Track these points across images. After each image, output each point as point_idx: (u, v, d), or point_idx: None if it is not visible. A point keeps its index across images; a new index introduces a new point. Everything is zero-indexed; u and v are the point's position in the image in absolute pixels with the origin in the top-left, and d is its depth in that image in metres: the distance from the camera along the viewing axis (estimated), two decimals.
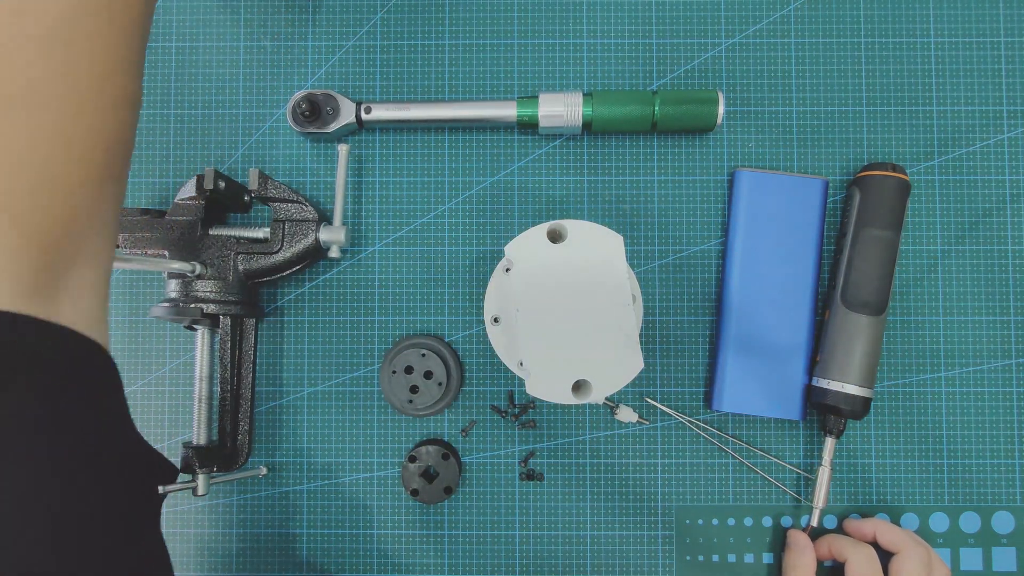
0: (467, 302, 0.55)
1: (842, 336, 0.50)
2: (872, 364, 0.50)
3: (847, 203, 0.52)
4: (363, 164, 0.55)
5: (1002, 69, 0.55)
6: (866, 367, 0.50)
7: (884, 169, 0.51)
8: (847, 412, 0.50)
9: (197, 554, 0.54)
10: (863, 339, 0.50)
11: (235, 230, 0.51)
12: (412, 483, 0.52)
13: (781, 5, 0.56)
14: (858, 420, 0.52)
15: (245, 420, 0.51)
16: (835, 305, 0.51)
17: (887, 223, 0.50)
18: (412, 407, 0.52)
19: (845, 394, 0.49)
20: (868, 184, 0.51)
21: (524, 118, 0.52)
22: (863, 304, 0.50)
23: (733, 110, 0.55)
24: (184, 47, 0.56)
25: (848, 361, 0.50)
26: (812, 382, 0.52)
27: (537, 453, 0.54)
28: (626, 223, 0.55)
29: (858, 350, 0.50)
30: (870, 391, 0.50)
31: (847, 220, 0.52)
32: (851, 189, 0.52)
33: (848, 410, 0.50)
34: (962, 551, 0.53)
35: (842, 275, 0.51)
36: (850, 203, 0.52)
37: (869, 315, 0.50)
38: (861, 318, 0.50)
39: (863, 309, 0.50)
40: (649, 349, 0.54)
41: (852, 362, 0.50)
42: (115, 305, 0.55)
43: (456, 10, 0.56)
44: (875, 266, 0.50)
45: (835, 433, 0.51)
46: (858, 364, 0.50)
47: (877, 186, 0.50)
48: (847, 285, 0.50)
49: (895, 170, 0.50)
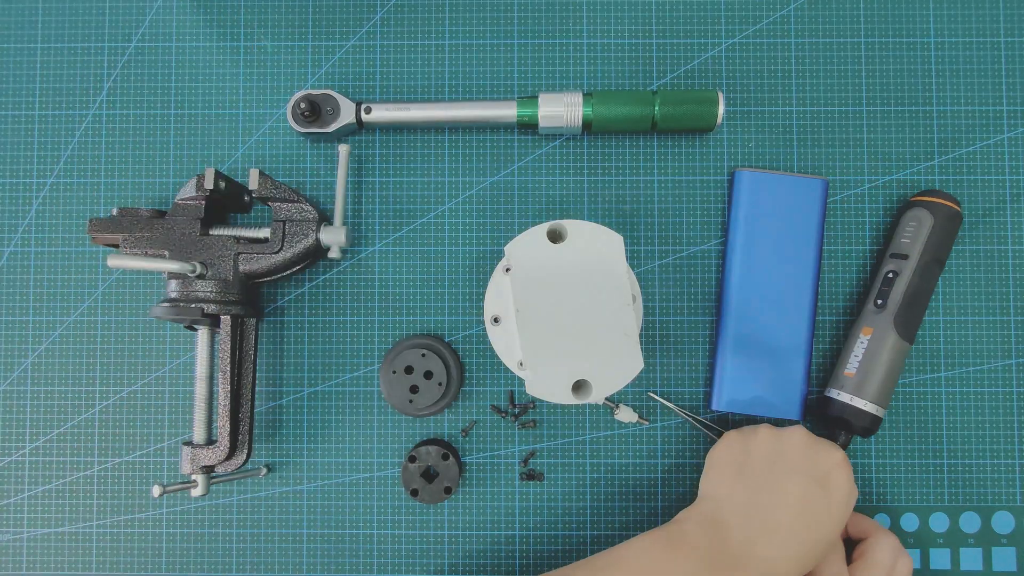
0: (467, 302, 0.55)
1: (884, 358, 0.49)
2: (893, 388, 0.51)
3: (907, 223, 0.51)
4: (363, 164, 0.55)
5: (1002, 69, 0.55)
6: (891, 391, 0.50)
7: (948, 200, 0.50)
8: (862, 431, 0.50)
9: (197, 554, 0.54)
10: (900, 364, 0.50)
11: (235, 230, 0.51)
12: (412, 483, 0.52)
13: (781, 5, 0.56)
14: (864, 438, 0.52)
15: (245, 420, 0.51)
16: (883, 327, 0.50)
17: (946, 256, 0.50)
18: (412, 407, 0.52)
19: (871, 415, 0.49)
20: (941, 213, 0.50)
21: (524, 118, 0.52)
22: (910, 330, 0.50)
23: (733, 110, 0.55)
24: (184, 47, 0.56)
25: (886, 384, 0.49)
26: (831, 394, 0.51)
27: (537, 453, 0.54)
28: (626, 223, 0.55)
29: (895, 374, 0.50)
30: (884, 412, 0.50)
31: (909, 242, 0.50)
32: (919, 212, 0.50)
33: (863, 428, 0.49)
34: (962, 551, 0.53)
35: (900, 298, 0.50)
36: (917, 226, 0.50)
37: (910, 342, 0.50)
38: (905, 344, 0.50)
39: (908, 336, 0.50)
40: (649, 349, 0.54)
41: (888, 385, 0.49)
42: (115, 305, 0.55)
43: (456, 10, 0.56)
44: (929, 296, 0.50)
45: (843, 447, 0.50)
46: (890, 387, 0.50)
47: (949, 218, 0.50)
48: (906, 310, 0.50)
49: (955, 203, 0.50)
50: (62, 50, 0.56)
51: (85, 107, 0.56)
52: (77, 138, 0.56)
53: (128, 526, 0.54)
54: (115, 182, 0.55)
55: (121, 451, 0.54)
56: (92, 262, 0.55)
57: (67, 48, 0.56)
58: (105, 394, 0.54)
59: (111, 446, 0.54)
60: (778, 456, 0.46)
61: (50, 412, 0.54)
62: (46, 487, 0.54)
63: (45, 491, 0.54)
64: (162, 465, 0.54)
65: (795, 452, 0.46)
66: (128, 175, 0.55)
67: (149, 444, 0.54)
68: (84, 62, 0.56)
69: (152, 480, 0.54)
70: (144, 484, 0.54)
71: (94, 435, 0.54)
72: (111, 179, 0.55)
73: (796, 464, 0.45)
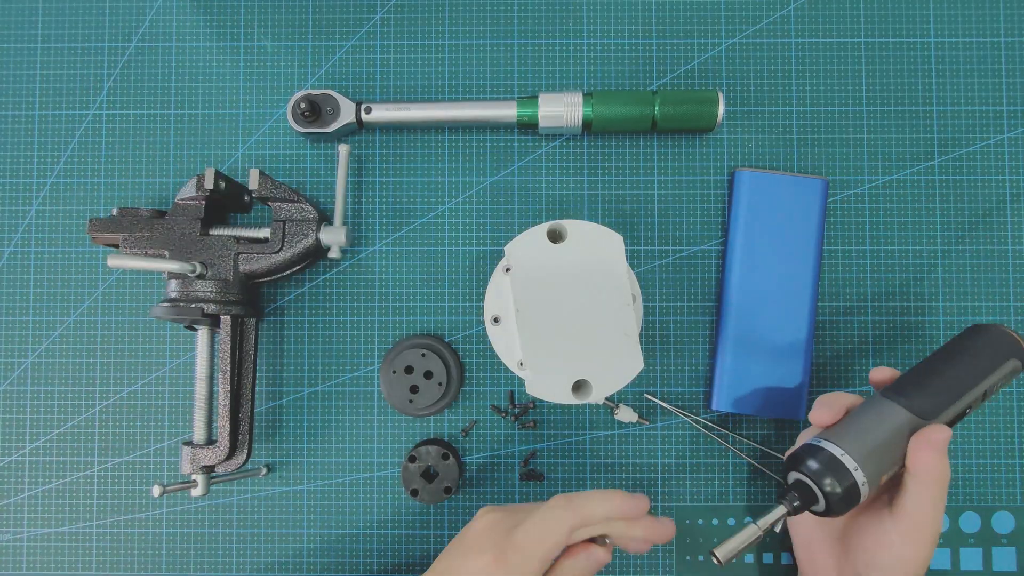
0: (467, 302, 0.55)
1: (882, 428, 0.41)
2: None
3: (1006, 374, 0.44)
4: (363, 164, 0.55)
5: (1002, 69, 0.55)
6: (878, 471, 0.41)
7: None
8: (833, 499, 0.39)
9: (197, 554, 0.54)
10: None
11: (235, 230, 0.51)
12: (412, 483, 0.52)
13: (781, 5, 0.56)
14: (821, 512, 0.40)
15: (245, 420, 0.51)
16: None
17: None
18: (412, 407, 0.52)
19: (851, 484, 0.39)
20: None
21: (524, 118, 0.52)
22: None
23: (733, 110, 0.55)
24: (184, 47, 0.56)
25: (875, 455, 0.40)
26: (820, 443, 0.41)
27: (537, 453, 0.54)
28: (626, 223, 0.55)
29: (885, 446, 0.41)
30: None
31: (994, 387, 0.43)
32: (1015, 365, 0.44)
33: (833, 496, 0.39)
34: (962, 551, 0.53)
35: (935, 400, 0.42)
36: (1009, 376, 0.44)
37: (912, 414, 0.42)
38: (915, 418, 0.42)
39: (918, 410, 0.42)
40: (649, 349, 0.54)
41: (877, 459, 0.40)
42: (115, 305, 0.55)
43: (456, 10, 0.56)
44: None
45: (792, 510, 0.40)
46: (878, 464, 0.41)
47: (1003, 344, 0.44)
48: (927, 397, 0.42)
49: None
50: (62, 50, 0.56)
51: (85, 107, 0.56)
52: (77, 138, 0.56)
53: (128, 526, 0.54)
54: (115, 182, 0.55)
55: (121, 451, 0.54)
56: (92, 262, 0.55)
57: (67, 48, 0.56)
58: (105, 394, 0.54)
59: (111, 446, 0.54)
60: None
61: (50, 412, 0.54)
62: (46, 487, 0.54)
63: (45, 491, 0.54)
64: (162, 465, 0.54)
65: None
66: (128, 175, 0.55)
67: (149, 444, 0.54)
68: (84, 62, 0.56)
69: (152, 480, 0.54)
70: (144, 484, 0.54)
71: (94, 435, 0.54)
72: (111, 179, 0.55)
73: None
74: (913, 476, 0.40)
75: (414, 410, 0.52)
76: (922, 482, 0.40)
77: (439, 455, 0.52)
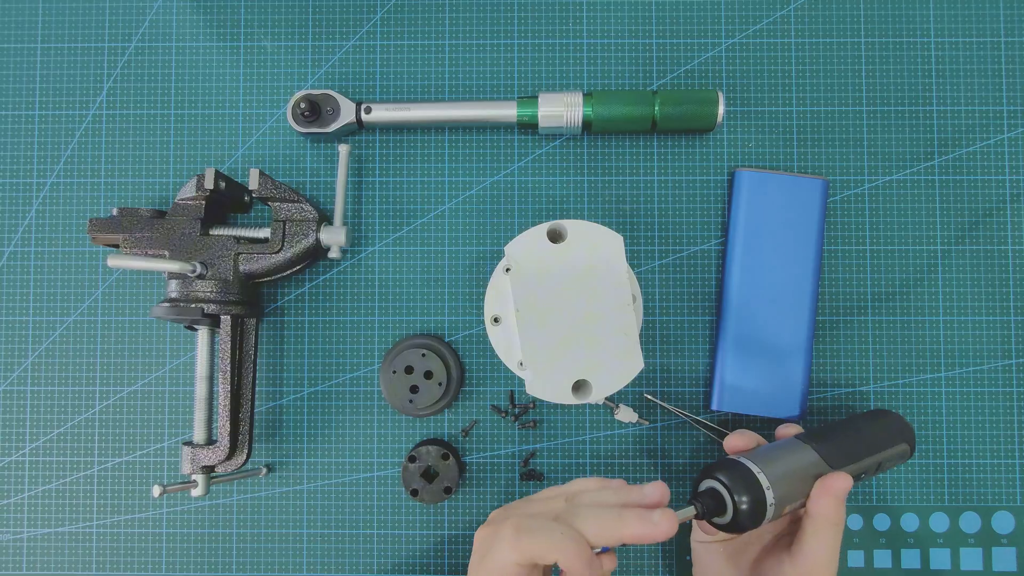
0: (467, 302, 0.55)
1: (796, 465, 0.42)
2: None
3: (893, 457, 0.47)
4: (363, 164, 0.55)
5: (1002, 69, 0.55)
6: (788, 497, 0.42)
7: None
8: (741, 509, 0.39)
9: (197, 554, 0.54)
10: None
11: (235, 230, 0.51)
12: (412, 483, 0.52)
13: (781, 5, 0.56)
14: (729, 526, 0.41)
15: (245, 420, 0.51)
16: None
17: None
18: (412, 407, 0.52)
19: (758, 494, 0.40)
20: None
21: (524, 118, 0.52)
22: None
23: (733, 110, 0.55)
24: (184, 47, 0.56)
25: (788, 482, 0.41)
26: (743, 461, 0.41)
27: (537, 453, 0.54)
28: (626, 223, 0.55)
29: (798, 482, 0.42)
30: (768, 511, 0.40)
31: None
32: (903, 449, 0.47)
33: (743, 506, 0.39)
34: (962, 551, 0.53)
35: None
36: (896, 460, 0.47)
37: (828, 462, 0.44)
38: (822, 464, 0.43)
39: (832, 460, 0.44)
40: (649, 349, 0.54)
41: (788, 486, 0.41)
42: (115, 305, 0.55)
43: (456, 10, 0.56)
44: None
45: (701, 512, 0.40)
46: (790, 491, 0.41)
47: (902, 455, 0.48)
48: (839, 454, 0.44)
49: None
50: (62, 50, 0.56)
51: (85, 107, 0.56)
52: (77, 138, 0.56)
53: (128, 526, 0.54)
54: (115, 182, 0.55)
55: (121, 451, 0.54)
56: (92, 262, 0.55)
57: (67, 48, 0.56)
58: (105, 394, 0.54)
59: (111, 446, 0.54)
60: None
61: (50, 412, 0.54)
62: (46, 487, 0.54)
63: (45, 491, 0.54)
64: (162, 465, 0.54)
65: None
66: (128, 175, 0.55)
67: (149, 444, 0.54)
68: (84, 62, 0.56)
69: (152, 480, 0.54)
70: (144, 484, 0.54)
71: (94, 435, 0.54)
72: (111, 179, 0.55)
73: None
74: (812, 520, 0.42)
75: (414, 410, 0.52)
76: (820, 526, 0.42)
77: (439, 455, 0.52)
